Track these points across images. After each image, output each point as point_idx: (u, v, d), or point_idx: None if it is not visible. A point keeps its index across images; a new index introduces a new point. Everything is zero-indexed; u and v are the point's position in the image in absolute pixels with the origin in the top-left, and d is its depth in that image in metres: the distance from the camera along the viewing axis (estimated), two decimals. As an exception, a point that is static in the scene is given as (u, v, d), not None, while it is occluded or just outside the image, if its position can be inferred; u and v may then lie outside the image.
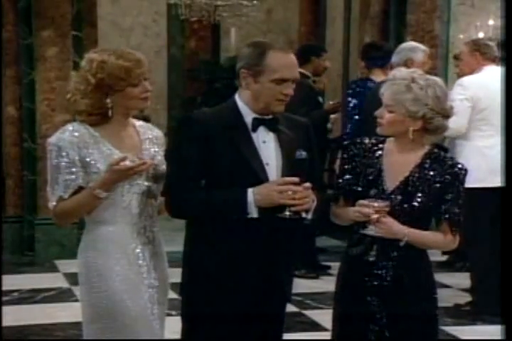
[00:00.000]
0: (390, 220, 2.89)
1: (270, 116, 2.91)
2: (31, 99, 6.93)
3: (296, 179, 2.77)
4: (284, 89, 2.84)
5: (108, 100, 2.94)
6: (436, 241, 2.99)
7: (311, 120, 6.25)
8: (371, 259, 2.95)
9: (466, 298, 5.56)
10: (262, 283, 2.90)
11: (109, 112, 2.96)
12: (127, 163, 2.84)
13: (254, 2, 8.42)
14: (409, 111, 2.91)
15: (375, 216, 2.86)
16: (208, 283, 2.89)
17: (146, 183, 2.99)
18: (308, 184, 2.81)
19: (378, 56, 6.24)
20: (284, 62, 2.84)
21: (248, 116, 2.89)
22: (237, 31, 9.71)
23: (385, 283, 2.95)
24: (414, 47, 5.84)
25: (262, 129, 2.89)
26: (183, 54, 10.18)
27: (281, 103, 2.87)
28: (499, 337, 4.60)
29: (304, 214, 2.81)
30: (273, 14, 10.57)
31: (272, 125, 2.90)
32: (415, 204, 2.92)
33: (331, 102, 6.91)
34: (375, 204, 2.86)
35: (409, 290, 2.96)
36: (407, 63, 5.53)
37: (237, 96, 2.93)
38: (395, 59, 5.77)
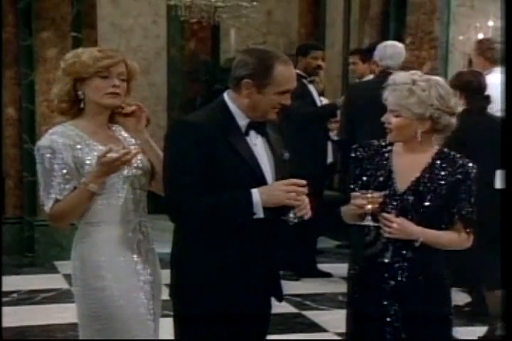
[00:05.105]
0: (404, 221, 2.90)
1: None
2: (31, 100, 6.94)
3: (303, 182, 2.78)
4: (283, 100, 2.87)
5: (80, 92, 2.94)
6: (451, 241, 2.99)
7: (306, 116, 6.23)
8: (386, 261, 2.96)
9: (465, 299, 5.56)
10: (261, 283, 2.91)
11: (81, 104, 2.96)
12: (113, 154, 2.81)
13: (254, 3, 8.40)
14: (416, 114, 2.91)
15: (369, 206, 2.87)
16: (205, 284, 2.86)
17: (137, 177, 2.98)
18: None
19: None
20: (288, 75, 2.87)
21: (241, 119, 2.89)
22: (236, 32, 9.70)
23: (401, 284, 2.96)
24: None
25: (252, 133, 2.91)
26: (183, 55, 10.16)
27: (276, 111, 2.90)
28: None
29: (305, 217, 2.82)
30: (273, 15, 10.57)
31: (262, 129, 2.94)
32: (427, 204, 2.93)
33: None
34: (369, 195, 2.87)
35: (424, 290, 2.97)
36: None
37: (227, 99, 2.92)
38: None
